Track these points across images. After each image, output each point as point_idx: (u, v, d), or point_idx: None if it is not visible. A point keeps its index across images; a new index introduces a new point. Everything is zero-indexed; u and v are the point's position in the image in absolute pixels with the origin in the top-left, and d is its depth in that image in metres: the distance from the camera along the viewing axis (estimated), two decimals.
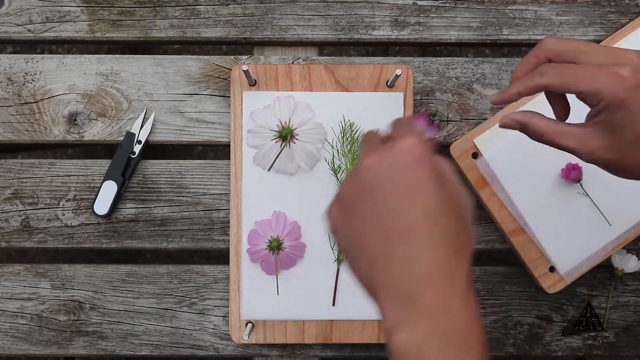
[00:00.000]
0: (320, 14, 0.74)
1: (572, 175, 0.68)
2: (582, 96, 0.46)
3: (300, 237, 0.70)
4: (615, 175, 0.49)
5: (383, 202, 0.40)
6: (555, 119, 0.50)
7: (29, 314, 0.72)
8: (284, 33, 0.74)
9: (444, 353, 0.38)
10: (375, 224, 0.40)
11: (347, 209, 0.42)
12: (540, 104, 0.70)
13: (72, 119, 0.73)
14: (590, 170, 0.69)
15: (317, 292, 0.70)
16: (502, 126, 0.51)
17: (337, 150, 0.70)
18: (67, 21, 0.74)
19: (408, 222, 0.39)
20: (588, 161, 0.48)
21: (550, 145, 0.49)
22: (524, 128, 0.50)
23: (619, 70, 0.45)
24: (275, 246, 0.68)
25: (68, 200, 0.72)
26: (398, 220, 0.40)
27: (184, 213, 0.72)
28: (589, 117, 0.48)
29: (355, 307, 0.70)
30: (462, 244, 0.40)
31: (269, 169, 0.70)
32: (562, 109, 0.52)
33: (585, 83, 0.46)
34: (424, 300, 0.38)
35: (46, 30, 0.74)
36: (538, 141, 0.50)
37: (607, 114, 0.46)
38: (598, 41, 0.73)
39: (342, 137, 0.70)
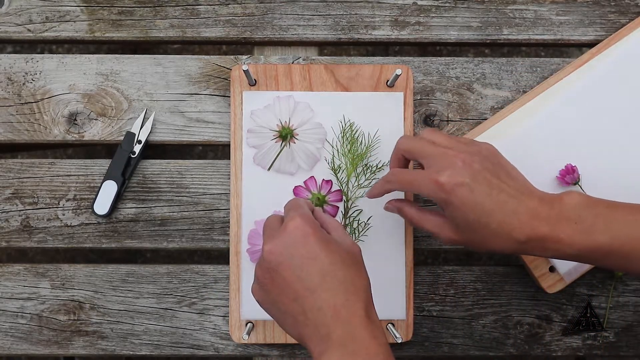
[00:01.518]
0: (320, 13, 0.74)
1: (567, 179, 0.68)
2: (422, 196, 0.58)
3: None
4: (476, 251, 0.60)
5: (289, 275, 0.52)
6: (422, 207, 0.61)
7: (29, 313, 0.72)
8: (284, 33, 0.74)
9: None
10: (288, 292, 0.52)
11: (264, 287, 0.54)
12: (524, 115, 0.70)
13: (72, 119, 0.73)
14: (588, 171, 0.69)
15: None
16: (385, 209, 0.65)
17: (337, 150, 0.70)
18: (67, 21, 0.74)
19: (311, 283, 0.52)
20: (447, 243, 0.59)
21: (419, 229, 0.63)
22: (399, 212, 0.63)
23: (439, 177, 0.55)
24: None
25: (68, 200, 0.72)
26: (303, 284, 0.52)
27: (184, 213, 0.72)
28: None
29: None
30: (356, 286, 0.53)
31: (269, 169, 0.70)
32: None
33: (418, 189, 0.57)
34: (335, 336, 0.51)
35: (46, 30, 0.74)
36: (410, 223, 0.63)
37: (443, 209, 0.57)
38: (598, 41, 0.73)
39: (342, 137, 0.70)
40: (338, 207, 0.70)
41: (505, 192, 0.55)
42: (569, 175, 0.68)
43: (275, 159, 0.69)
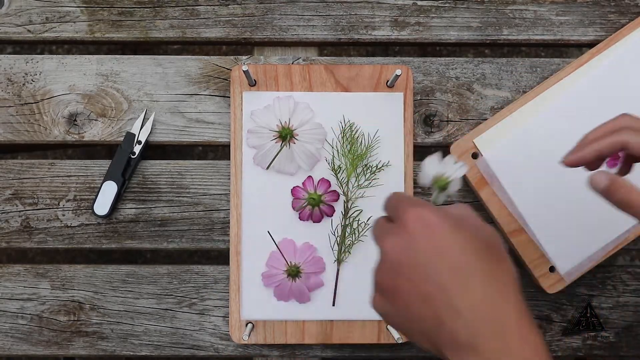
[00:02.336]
0: (320, 14, 0.74)
1: (620, 154, 0.67)
2: None
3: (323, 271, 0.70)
4: None
5: (414, 273, 0.43)
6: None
7: (29, 314, 0.72)
8: (284, 33, 0.74)
9: None
10: (415, 293, 0.43)
11: (386, 293, 0.45)
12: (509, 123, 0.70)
13: (72, 120, 0.73)
14: (588, 174, 0.69)
15: (317, 292, 0.70)
16: (591, 182, 0.52)
17: (337, 151, 0.70)
18: (67, 21, 0.74)
19: (441, 280, 0.42)
20: None
21: (625, 209, 0.50)
22: (612, 183, 0.51)
23: None
24: (293, 273, 0.69)
25: (68, 200, 0.72)
26: (432, 283, 0.42)
27: (184, 213, 0.72)
28: None
29: (355, 307, 0.70)
30: (500, 280, 0.42)
31: (267, 167, 0.70)
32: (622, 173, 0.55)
33: None
34: (482, 345, 0.40)
35: (46, 31, 0.74)
36: (615, 200, 0.50)
37: None
38: (598, 41, 0.73)
39: (342, 137, 0.70)
40: (334, 207, 0.70)
41: None
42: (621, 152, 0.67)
43: (274, 158, 0.69)
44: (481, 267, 0.42)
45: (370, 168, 0.70)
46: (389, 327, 0.69)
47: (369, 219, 0.70)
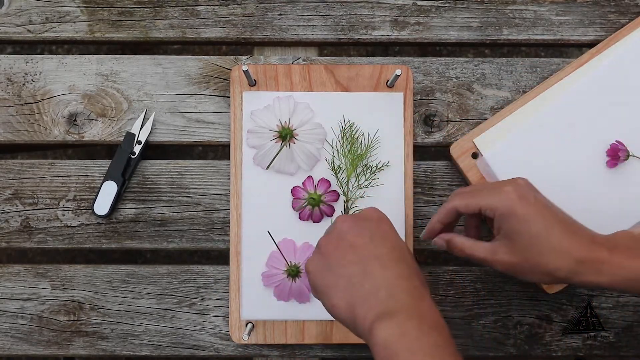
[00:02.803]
0: (320, 14, 0.74)
1: (620, 154, 0.68)
2: (482, 211, 0.58)
3: None
4: (523, 279, 0.59)
5: (357, 240, 0.54)
6: (471, 238, 0.61)
7: (29, 314, 0.72)
8: (284, 33, 0.74)
9: (421, 329, 0.49)
10: (351, 255, 0.53)
11: (324, 253, 0.55)
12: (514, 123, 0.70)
13: (72, 119, 0.73)
14: (588, 173, 0.69)
15: None
16: (434, 244, 0.63)
17: (337, 151, 0.70)
18: (66, 21, 0.74)
19: (379, 251, 0.53)
20: (497, 268, 0.58)
21: (468, 258, 0.60)
22: (448, 244, 0.61)
23: (504, 187, 0.57)
24: (293, 273, 0.69)
25: (68, 200, 0.72)
26: (371, 251, 0.53)
27: (184, 213, 0.72)
28: (495, 236, 0.59)
29: None
30: (419, 272, 0.54)
31: (267, 167, 0.70)
32: (472, 230, 0.64)
33: (482, 201, 0.58)
34: (398, 299, 0.50)
35: (46, 31, 0.74)
36: (458, 255, 0.61)
37: (504, 224, 0.57)
38: (598, 41, 0.73)
39: (342, 137, 0.70)
40: (334, 207, 0.70)
41: (562, 215, 0.57)
42: (621, 150, 0.68)
43: (274, 158, 0.69)
44: (410, 257, 0.55)
45: (370, 168, 0.70)
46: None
47: None
